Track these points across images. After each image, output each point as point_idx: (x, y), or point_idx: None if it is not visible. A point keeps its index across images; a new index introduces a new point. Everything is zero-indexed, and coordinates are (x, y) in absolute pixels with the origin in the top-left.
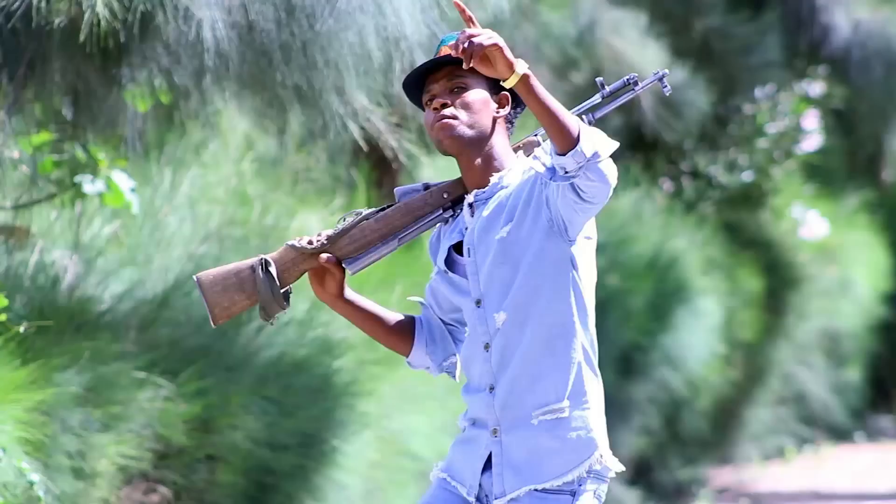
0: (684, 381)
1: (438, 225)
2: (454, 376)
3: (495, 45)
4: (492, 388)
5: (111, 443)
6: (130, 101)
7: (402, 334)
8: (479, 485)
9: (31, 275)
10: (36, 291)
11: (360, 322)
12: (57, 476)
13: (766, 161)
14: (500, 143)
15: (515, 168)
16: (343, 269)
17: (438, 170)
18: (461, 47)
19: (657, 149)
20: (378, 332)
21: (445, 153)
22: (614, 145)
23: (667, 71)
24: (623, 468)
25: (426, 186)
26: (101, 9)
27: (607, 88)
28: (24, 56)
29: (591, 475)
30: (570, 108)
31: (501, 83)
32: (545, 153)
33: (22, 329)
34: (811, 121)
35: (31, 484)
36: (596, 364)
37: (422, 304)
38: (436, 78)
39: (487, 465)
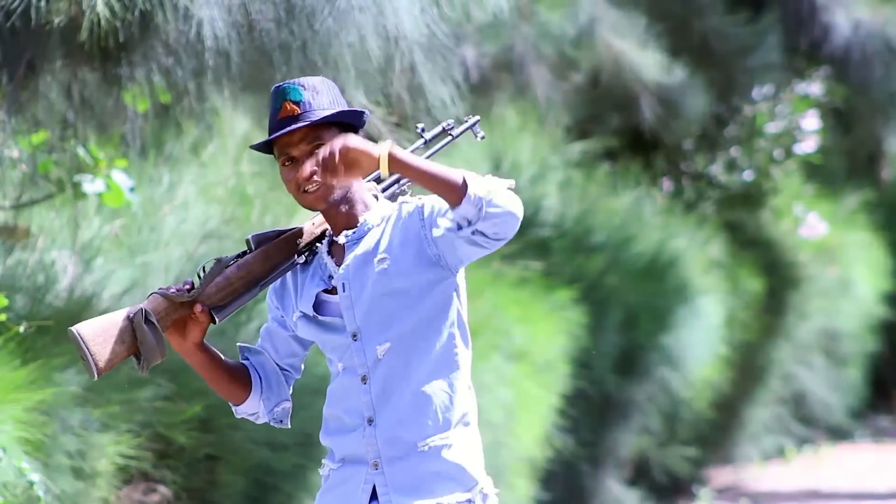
0: (684, 381)
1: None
2: (284, 423)
3: (345, 147)
4: (371, 421)
5: (111, 442)
6: (130, 102)
7: (242, 381)
8: None
9: (31, 275)
10: (36, 291)
11: (208, 370)
12: (57, 476)
13: (766, 161)
14: (358, 186)
15: (377, 206)
16: (211, 318)
17: None
18: (321, 170)
19: (657, 149)
20: (222, 379)
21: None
22: (506, 181)
23: (478, 117)
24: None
25: (279, 234)
26: (101, 8)
27: (428, 135)
28: (24, 56)
29: (481, 497)
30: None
31: (380, 176)
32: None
33: (22, 329)
34: (811, 121)
35: (31, 484)
36: (470, 380)
37: (248, 348)
38: (291, 141)
39: (373, 498)
